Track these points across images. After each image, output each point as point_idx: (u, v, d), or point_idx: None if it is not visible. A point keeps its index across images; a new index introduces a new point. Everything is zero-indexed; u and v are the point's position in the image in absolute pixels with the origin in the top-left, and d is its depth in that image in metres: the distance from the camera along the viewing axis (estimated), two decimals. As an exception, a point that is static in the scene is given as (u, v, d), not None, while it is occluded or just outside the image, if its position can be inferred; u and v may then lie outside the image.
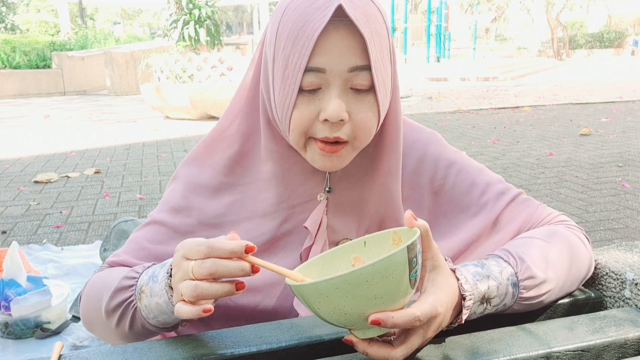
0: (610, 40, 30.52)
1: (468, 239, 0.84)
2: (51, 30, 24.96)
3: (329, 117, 0.70)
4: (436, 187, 0.87)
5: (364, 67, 0.71)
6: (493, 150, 5.15)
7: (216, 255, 0.58)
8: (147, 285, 0.70)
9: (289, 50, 0.70)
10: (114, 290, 0.74)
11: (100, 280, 0.80)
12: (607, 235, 2.80)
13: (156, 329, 0.73)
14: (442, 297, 0.62)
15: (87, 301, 0.82)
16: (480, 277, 0.70)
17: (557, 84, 13.00)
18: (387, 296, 0.55)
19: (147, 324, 0.72)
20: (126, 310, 0.73)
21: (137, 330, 0.74)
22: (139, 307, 0.71)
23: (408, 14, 18.86)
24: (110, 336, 0.79)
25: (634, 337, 0.69)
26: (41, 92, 12.99)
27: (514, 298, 0.72)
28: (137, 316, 0.72)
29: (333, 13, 0.68)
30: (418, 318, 0.57)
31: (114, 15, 37.88)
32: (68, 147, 5.84)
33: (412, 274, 0.56)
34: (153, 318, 0.70)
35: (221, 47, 8.68)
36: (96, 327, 0.81)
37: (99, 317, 0.78)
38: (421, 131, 0.91)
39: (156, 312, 0.69)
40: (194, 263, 0.59)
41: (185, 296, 0.59)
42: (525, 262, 0.73)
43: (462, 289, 0.67)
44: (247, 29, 41.78)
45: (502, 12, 33.75)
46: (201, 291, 0.58)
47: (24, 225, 3.16)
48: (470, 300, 0.67)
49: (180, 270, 0.61)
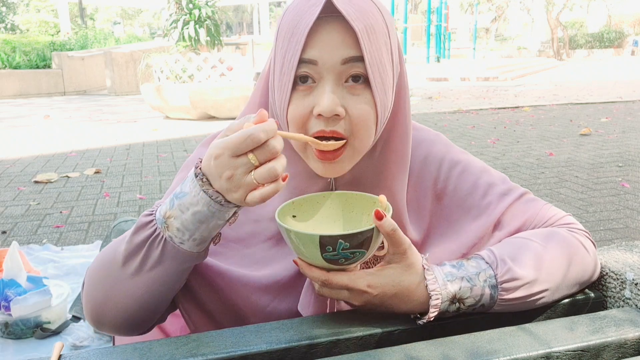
0: (610, 40, 30.51)
1: (469, 242, 0.84)
2: (51, 30, 24.92)
3: (322, 112, 0.70)
4: (439, 189, 0.86)
5: (357, 58, 0.71)
6: (493, 150, 5.15)
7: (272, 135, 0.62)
8: (171, 208, 0.68)
9: (285, 48, 0.72)
10: (132, 233, 0.72)
11: (109, 246, 0.77)
12: (607, 235, 2.80)
13: (190, 256, 0.70)
14: (378, 282, 0.71)
15: (94, 273, 0.77)
16: (452, 277, 0.72)
17: (557, 84, 13.00)
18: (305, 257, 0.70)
19: (180, 251, 0.69)
20: (152, 246, 0.70)
21: (167, 268, 0.71)
22: (169, 235, 0.69)
23: (408, 14, 18.83)
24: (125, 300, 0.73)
25: (633, 337, 0.69)
26: (41, 92, 12.99)
27: (493, 299, 0.73)
28: (168, 248, 0.69)
29: (325, 9, 0.69)
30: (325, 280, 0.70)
31: (114, 15, 37.89)
32: (68, 147, 5.84)
33: (326, 255, 0.67)
34: (189, 238, 0.68)
35: (221, 47, 8.68)
36: (107, 300, 0.74)
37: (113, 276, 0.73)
38: (426, 132, 0.91)
39: (194, 225, 0.67)
40: (255, 152, 0.61)
41: (264, 181, 0.62)
42: (508, 263, 0.73)
43: (429, 289, 0.71)
44: (247, 29, 41.79)
45: (502, 12, 33.72)
46: (277, 170, 0.62)
47: (24, 225, 3.16)
48: (437, 300, 0.71)
49: (239, 167, 0.62)
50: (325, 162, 0.74)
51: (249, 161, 0.61)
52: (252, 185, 0.62)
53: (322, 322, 0.72)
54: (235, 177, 0.62)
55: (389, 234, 0.69)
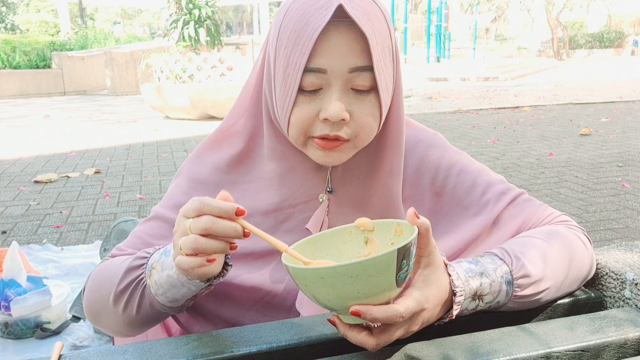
0: (610, 40, 30.52)
1: (468, 239, 0.84)
2: (51, 30, 24.96)
3: (329, 117, 0.71)
4: (437, 187, 0.87)
5: (365, 67, 0.71)
6: (493, 150, 5.15)
7: (208, 211, 0.60)
8: (158, 261, 0.70)
9: (290, 50, 0.71)
10: (125, 270, 0.73)
11: (106, 268, 0.80)
12: (607, 235, 2.80)
13: (164, 308, 0.72)
14: (430, 293, 0.64)
15: (92, 290, 0.81)
16: (473, 274, 0.71)
17: (557, 84, 13.00)
18: (370, 292, 0.56)
19: (155, 301, 0.71)
20: (135, 289, 0.72)
21: (145, 312, 0.73)
22: (148, 284, 0.71)
23: (408, 13, 18.85)
24: (116, 325, 0.78)
25: (633, 337, 0.69)
26: (41, 92, 12.99)
27: (507, 296, 0.73)
28: (146, 294, 0.72)
29: (334, 13, 0.68)
30: (401, 314, 0.59)
31: (114, 15, 37.88)
32: (68, 147, 5.84)
33: (400, 274, 0.56)
34: (162, 294, 0.70)
35: (221, 47, 8.69)
36: (101, 316, 0.80)
37: (106, 304, 0.77)
38: (423, 132, 0.91)
39: (166, 286, 0.68)
40: (192, 220, 0.61)
41: (184, 249, 0.61)
42: (521, 260, 0.73)
43: (453, 285, 0.68)
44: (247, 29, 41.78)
45: (502, 12, 33.75)
46: (199, 245, 0.60)
47: (24, 225, 3.16)
48: (461, 296, 0.68)
49: (180, 228, 0.63)
50: (325, 150, 0.74)
51: (186, 225, 0.62)
52: (179, 250, 0.63)
53: (322, 322, 0.72)
54: (175, 235, 0.64)
55: (427, 232, 0.63)
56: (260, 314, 0.82)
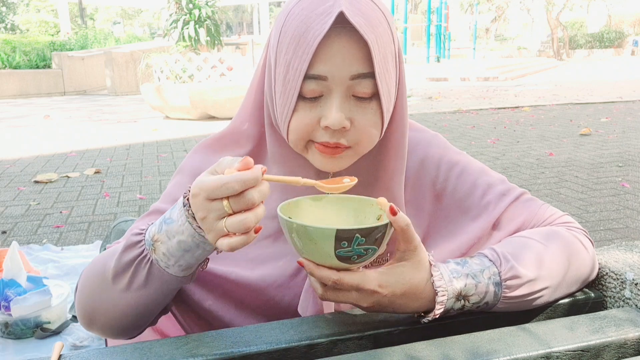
0: (610, 40, 30.53)
1: (469, 242, 0.84)
2: (51, 30, 24.95)
3: (330, 125, 0.70)
4: (438, 189, 0.86)
5: (367, 74, 0.70)
6: (493, 150, 5.15)
7: (240, 187, 0.59)
8: (159, 232, 0.67)
9: (290, 56, 0.70)
10: (122, 250, 0.71)
11: (98, 260, 0.77)
12: (607, 235, 2.80)
13: (176, 280, 0.70)
14: (389, 282, 0.68)
15: (86, 283, 0.77)
16: (458, 274, 0.72)
17: (557, 84, 13.00)
18: (313, 254, 0.65)
19: (166, 274, 0.69)
20: (139, 266, 0.70)
21: (153, 288, 0.71)
22: (155, 259, 0.68)
23: (408, 14, 18.84)
24: (115, 313, 0.74)
25: (633, 337, 0.69)
26: (41, 92, 12.99)
27: (497, 297, 0.73)
28: (154, 271, 0.69)
29: (335, 19, 0.67)
30: (337, 280, 0.65)
31: (114, 15, 37.88)
32: (68, 147, 5.84)
33: (340, 252, 0.64)
34: (175, 264, 0.68)
35: (221, 47, 8.69)
36: (97, 312, 0.76)
37: (103, 292, 0.74)
38: (423, 132, 0.90)
39: (179, 253, 0.67)
40: (230, 200, 0.60)
41: (234, 230, 0.60)
42: (510, 261, 0.73)
43: (435, 285, 0.70)
44: (247, 29, 41.78)
45: (502, 12, 33.75)
46: (249, 222, 0.60)
47: (24, 225, 3.16)
48: (443, 296, 0.70)
49: (211, 211, 0.61)
50: (326, 155, 0.74)
51: (222, 207, 0.60)
52: (222, 232, 0.61)
53: (322, 322, 0.72)
54: (207, 220, 0.62)
55: (403, 230, 0.67)
56: (264, 317, 0.82)
